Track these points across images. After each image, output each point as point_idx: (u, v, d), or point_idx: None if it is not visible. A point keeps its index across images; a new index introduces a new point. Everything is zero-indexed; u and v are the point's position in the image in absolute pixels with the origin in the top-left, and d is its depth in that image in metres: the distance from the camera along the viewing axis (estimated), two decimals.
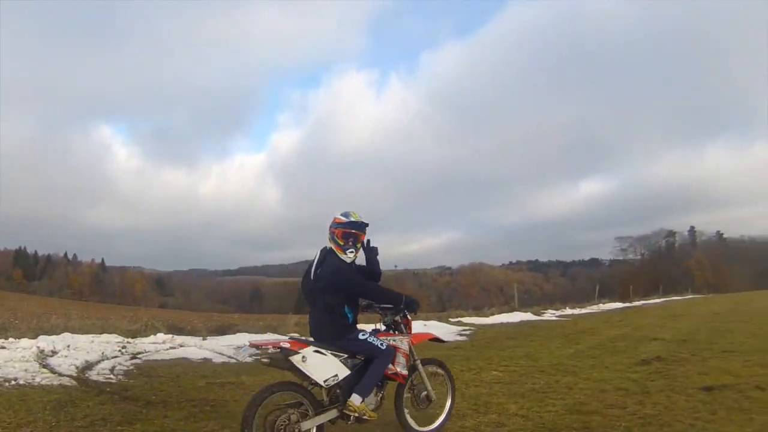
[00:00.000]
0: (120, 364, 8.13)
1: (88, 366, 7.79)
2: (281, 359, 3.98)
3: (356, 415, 4.09)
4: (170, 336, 10.82)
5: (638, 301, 38.27)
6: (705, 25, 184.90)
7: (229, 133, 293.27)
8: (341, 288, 4.28)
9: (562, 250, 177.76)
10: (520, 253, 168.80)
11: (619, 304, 33.18)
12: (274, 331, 12.60)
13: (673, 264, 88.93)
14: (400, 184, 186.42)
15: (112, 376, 7.30)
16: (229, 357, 9.29)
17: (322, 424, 4.08)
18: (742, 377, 6.98)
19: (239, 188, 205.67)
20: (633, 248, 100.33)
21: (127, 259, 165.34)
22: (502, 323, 18.83)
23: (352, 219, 4.44)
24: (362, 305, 4.63)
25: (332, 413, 4.12)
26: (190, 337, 11.27)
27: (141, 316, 12.19)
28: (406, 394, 4.78)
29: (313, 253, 4.57)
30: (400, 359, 4.55)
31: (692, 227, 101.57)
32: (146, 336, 10.59)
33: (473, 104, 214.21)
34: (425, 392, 4.86)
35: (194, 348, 9.92)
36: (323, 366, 4.04)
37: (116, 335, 10.12)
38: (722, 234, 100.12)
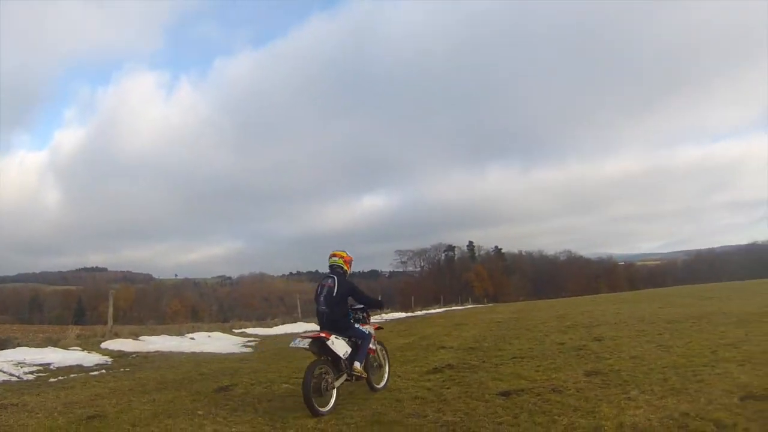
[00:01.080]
0: None
1: None
2: (314, 344, 6.86)
3: (357, 375, 7.13)
4: None
5: (420, 310, 41.51)
6: (493, 58, 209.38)
7: (12, 127, 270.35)
8: (353, 297, 7.53)
9: None
10: (301, 264, 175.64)
11: (402, 314, 35.83)
12: (55, 344, 14.29)
13: (452, 276, 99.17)
14: (183, 190, 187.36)
15: None
16: (10, 375, 9.77)
17: (341, 384, 6.94)
18: (537, 381, 7.75)
19: (19, 187, 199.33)
20: (413, 261, 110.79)
21: None
22: (286, 333, 19.81)
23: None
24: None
25: (344, 376, 7.05)
26: None
27: None
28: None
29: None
30: (372, 340, 7.67)
31: (471, 242, 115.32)
32: None
33: (263, 115, 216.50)
34: (377, 362, 8.02)
35: None
36: (342, 346, 7.03)
37: None
38: (500, 249, 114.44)
